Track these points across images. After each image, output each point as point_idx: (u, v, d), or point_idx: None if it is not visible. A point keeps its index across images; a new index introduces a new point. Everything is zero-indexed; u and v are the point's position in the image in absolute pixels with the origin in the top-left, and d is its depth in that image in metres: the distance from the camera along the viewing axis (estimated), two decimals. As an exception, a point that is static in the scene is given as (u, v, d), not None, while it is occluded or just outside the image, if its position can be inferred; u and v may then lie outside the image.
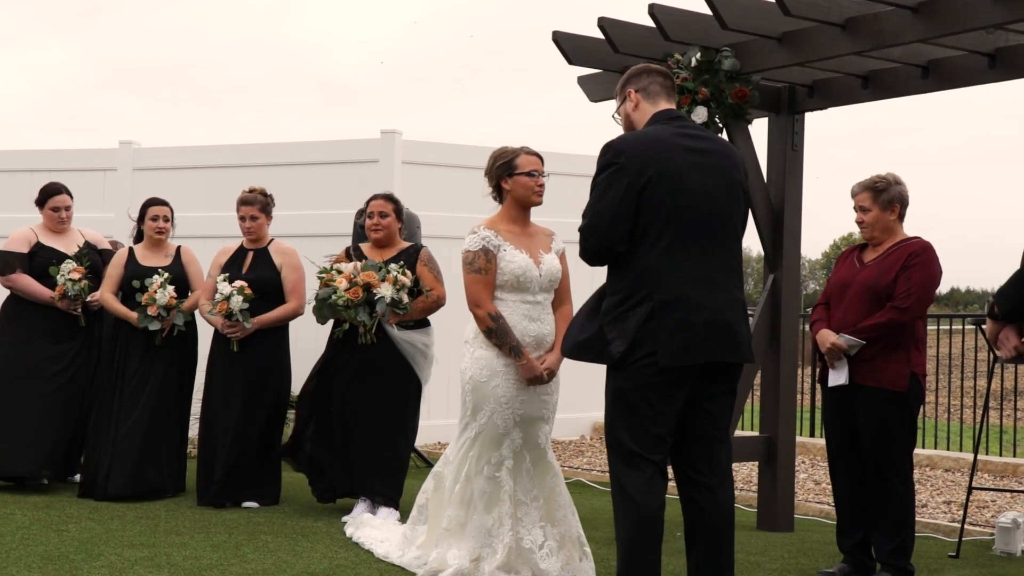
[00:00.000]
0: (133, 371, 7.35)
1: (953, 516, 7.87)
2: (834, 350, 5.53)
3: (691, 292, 4.19)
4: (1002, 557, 6.43)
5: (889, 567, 5.48)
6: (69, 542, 5.83)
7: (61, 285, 7.61)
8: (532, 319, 5.34)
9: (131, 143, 11.60)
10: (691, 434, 4.32)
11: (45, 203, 7.84)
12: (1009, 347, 3.74)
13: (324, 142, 11.00)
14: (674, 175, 4.23)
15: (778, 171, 7.06)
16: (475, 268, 5.31)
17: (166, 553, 5.64)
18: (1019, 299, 3.61)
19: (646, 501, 4.20)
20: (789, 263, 7.07)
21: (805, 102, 7.08)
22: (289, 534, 6.24)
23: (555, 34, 6.88)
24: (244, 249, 7.40)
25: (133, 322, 7.31)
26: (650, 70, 4.54)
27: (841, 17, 6.01)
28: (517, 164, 5.41)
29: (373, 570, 5.47)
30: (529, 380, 5.26)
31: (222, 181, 10.41)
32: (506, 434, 5.27)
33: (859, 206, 5.68)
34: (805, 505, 8.16)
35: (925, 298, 5.52)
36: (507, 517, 5.24)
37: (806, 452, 10.51)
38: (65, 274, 7.61)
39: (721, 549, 4.31)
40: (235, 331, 7.12)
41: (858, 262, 5.71)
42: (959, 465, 9.90)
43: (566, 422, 11.02)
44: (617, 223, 4.22)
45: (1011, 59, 6.25)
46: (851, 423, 5.59)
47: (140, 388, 7.31)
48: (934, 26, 5.71)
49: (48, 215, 7.84)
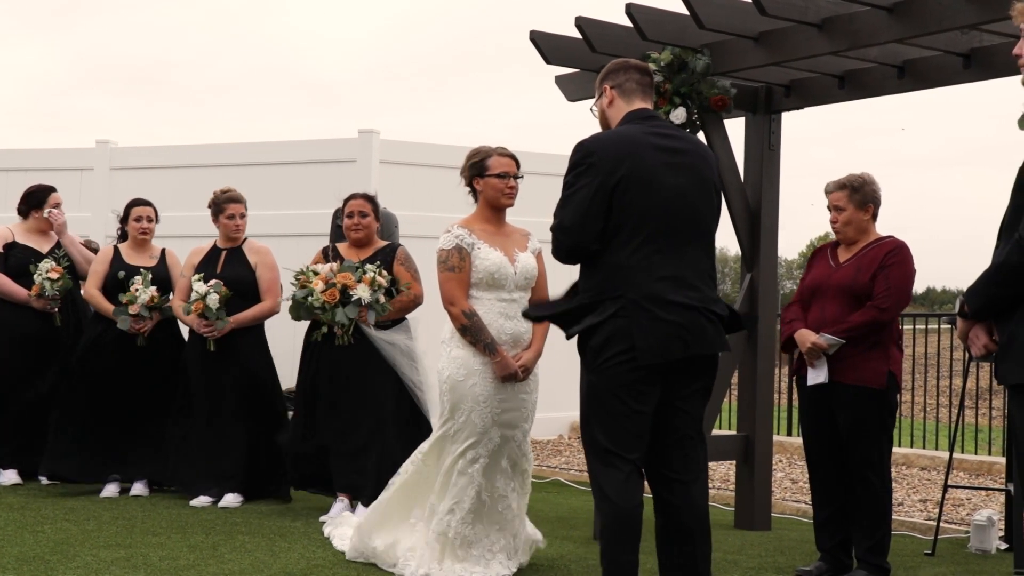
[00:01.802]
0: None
1: (929, 514, 7.91)
2: (814, 349, 5.55)
3: (663, 290, 4.19)
4: (977, 555, 6.46)
5: (866, 565, 5.50)
6: (44, 543, 5.80)
7: (38, 284, 7.57)
8: (508, 317, 5.34)
9: (108, 142, 11.56)
10: (666, 433, 4.31)
11: (43, 204, 7.80)
12: (979, 345, 3.75)
13: (302, 141, 10.98)
14: (646, 174, 4.23)
15: (755, 171, 7.08)
16: (448, 266, 5.31)
17: (143, 553, 5.62)
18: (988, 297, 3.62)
19: (623, 500, 4.19)
20: (766, 262, 7.09)
21: (782, 102, 7.11)
22: (267, 534, 6.22)
23: (532, 34, 6.88)
24: (218, 248, 7.38)
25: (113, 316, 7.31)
26: (628, 66, 4.53)
27: (817, 17, 6.04)
28: (488, 165, 5.42)
29: (351, 569, 5.46)
30: (503, 377, 5.27)
31: (199, 181, 10.35)
32: (484, 432, 5.28)
33: (833, 205, 5.69)
34: (782, 504, 8.19)
35: (904, 297, 5.56)
36: (468, 512, 5.27)
37: (783, 451, 10.54)
38: (43, 273, 7.58)
39: (696, 549, 4.30)
40: (211, 330, 7.10)
41: (833, 261, 5.73)
42: (935, 463, 9.94)
43: (544, 421, 11.01)
44: (588, 222, 4.22)
45: (985, 59, 6.28)
46: (829, 421, 5.61)
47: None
48: (909, 26, 5.74)
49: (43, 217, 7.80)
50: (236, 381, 7.20)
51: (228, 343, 7.15)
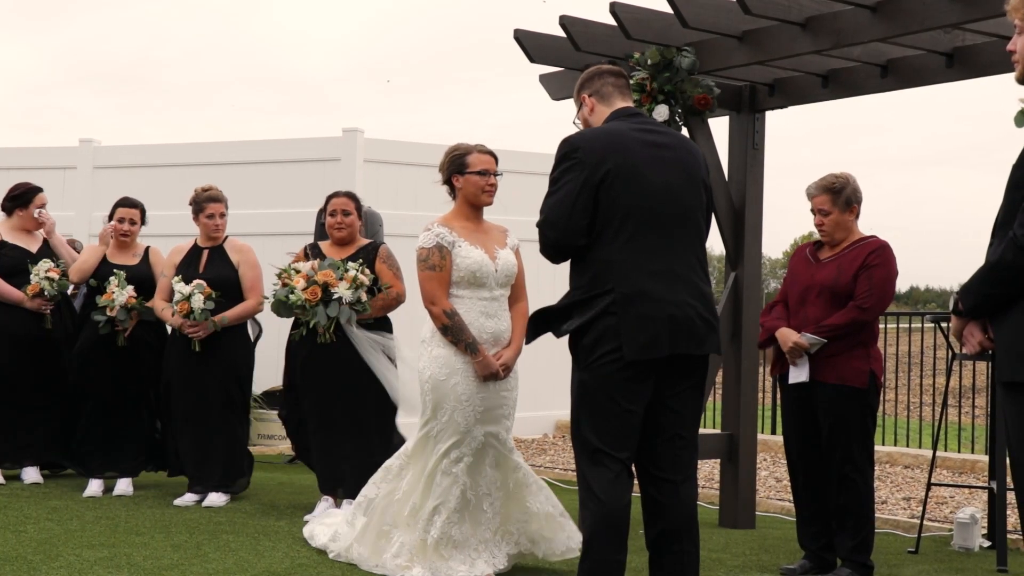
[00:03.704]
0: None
1: (912, 512, 7.93)
2: (796, 349, 5.56)
3: (653, 286, 4.18)
4: (960, 552, 6.49)
5: (849, 563, 5.52)
6: (27, 543, 5.77)
7: (36, 284, 7.54)
8: (489, 316, 5.33)
9: (91, 141, 11.53)
10: (655, 431, 4.30)
11: (29, 204, 7.76)
12: (974, 343, 3.76)
13: (286, 140, 10.97)
14: (633, 169, 4.23)
15: (739, 169, 7.09)
16: (429, 265, 5.30)
17: (126, 553, 5.60)
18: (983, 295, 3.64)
19: (612, 500, 4.18)
20: (750, 261, 7.10)
21: (766, 101, 7.12)
22: (251, 533, 6.21)
23: (517, 32, 6.88)
24: (199, 248, 7.35)
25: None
26: (601, 72, 4.54)
27: (801, 16, 6.05)
28: (468, 162, 5.40)
29: (335, 569, 5.45)
30: (484, 376, 5.26)
31: (183, 179, 10.33)
32: (467, 431, 5.27)
33: (818, 209, 5.69)
34: (767, 502, 8.21)
35: (886, 297, 5.58)
36: (454, 512, 5.26)
37: (767, 449, 10.56)
38: (41, 273, 7.55)
39: (684, 548, 4.29)
40: (197, 331, 7.08)
41: (813, 259, 5.74)
42: (918, 462, 9.97)
43: (528, 420, 11.04)
44: (575, 217, 4.21)
45: (968, 59, 6.30)
46: (811, 420, 5.62)
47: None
48: (893, 25, 5.76)
49: (28, 216, 7.76)
50: (219, 380, 7.18)
51: (211, 342, 7.14)
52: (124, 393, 7.47)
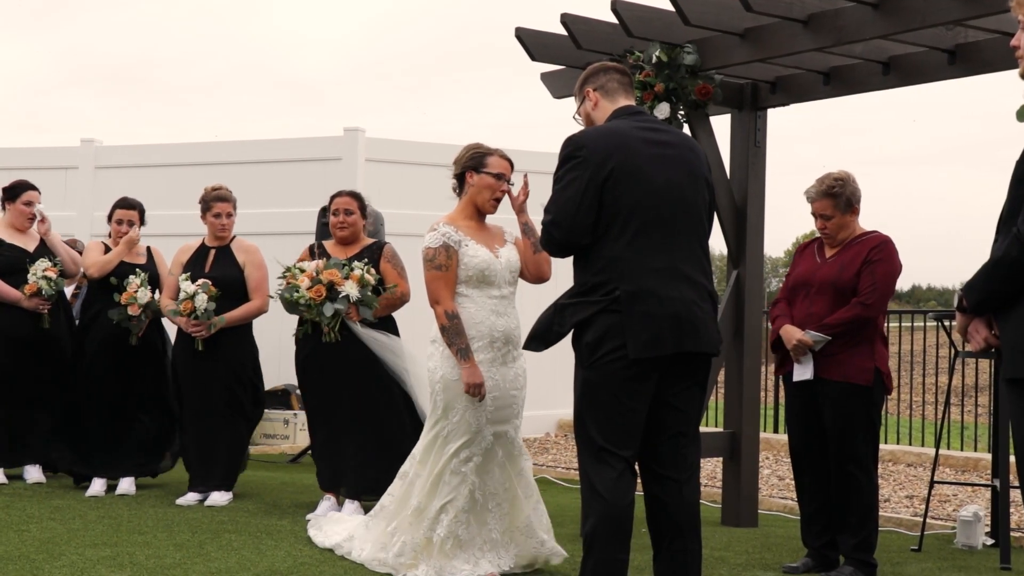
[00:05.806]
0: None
1: (915, 510, 7.92)
2: (800, 346, 5.55)
3: (656, 284, 4.18)
4: (963, 550, 6.48)
5: (853, 561, 5.51)
6: (30, 542, 5.77)
7: (34, 283, 7.53)
8: (500, 314, 5.32)
9: (93, 141, 11.53)
10: (659, 430, 4.29)
11: (16, 198, 7.75)
12: (979, 339, 3.76)
13: (287, 140, 10.97)
14: (636, 167, 4.23)
15: (741, 167, 7.08)
16: (436, 265, 5.28)
17: (129, 552, 5.60)
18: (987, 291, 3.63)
19: (615, 498, 4.17)
20: (752, 259, 7.09)
21: (767, 98, 7.11)
22: (253, 532, 6.20)
23: (518, 31, 6.88)
24: (206, 247, 7.35)
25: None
26: (606, 68, 4.55)
27: (803, 13, 6.04)
28: (487, 163, 5.40)
29: (337, 568, 5.44)
30: (467, 386, 5.19)
31: (185, 179, 10.36)
32: (478, 431, 5.26)
33: (820, 214, 5.67)
34: (769, 500, 8.20)
35: (888, 292, 5.58)
36: (461, 512, 5.25)
37: (770, 448, 10.55)
38: (39, 272, 7.54)
39: (687, 546, 4.29)
40: (200, 330, 7.08)
41: (819, 257, 5.74)
42: (921, 460, 9.96)
43: (531, 419, 11.00)
44: (580, 216, 4.21)
45: (970, 55, 6.29)
46: (815, 418, 5.61)
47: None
48: (895, 22, 5.75)
49: (19, 210, 7.74)
50: (223, 380, 7.18)
51: (216, 342, 7.13)
52: (129, 393, 7.47)
